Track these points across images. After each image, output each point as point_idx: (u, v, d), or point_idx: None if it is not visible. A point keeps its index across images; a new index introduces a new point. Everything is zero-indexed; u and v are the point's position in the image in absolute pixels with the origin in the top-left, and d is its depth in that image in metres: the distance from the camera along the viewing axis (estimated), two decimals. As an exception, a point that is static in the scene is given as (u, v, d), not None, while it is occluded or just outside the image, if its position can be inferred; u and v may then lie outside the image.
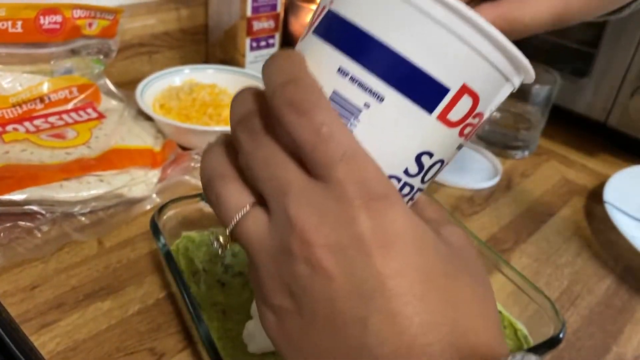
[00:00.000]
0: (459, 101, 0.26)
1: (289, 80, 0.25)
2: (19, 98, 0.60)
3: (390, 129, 0.25)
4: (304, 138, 0.24)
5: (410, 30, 0.24)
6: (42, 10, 0.60)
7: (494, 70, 0.26)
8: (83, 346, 0.41)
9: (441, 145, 0.27)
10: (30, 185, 0.49)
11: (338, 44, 0.25)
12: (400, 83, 0.25)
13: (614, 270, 0.57)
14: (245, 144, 0.26)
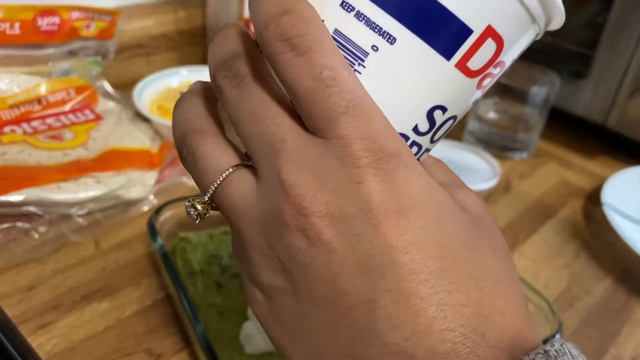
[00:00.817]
0: (482, 46, 0.22)
1: (284, 11, 0.20)
2: (17, 99, 0.60)
3: (400, 78, 0.22)
4: (302, 83, 0.20)
5: None
6: (39, 12, 0.60)
7: (522, 8, 0.22)
8: (80, 347, 0.41)
9: (456, 98, 0.23)
10: (27, 187, 0.49)
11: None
12: (417, 22, 0.21)
13: (612, 271, 0.57)
14: (228, 92, 0.22)
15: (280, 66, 0.20)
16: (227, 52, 0.22)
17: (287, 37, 0.20)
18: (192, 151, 0.23)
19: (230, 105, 0.22)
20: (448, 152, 0.74)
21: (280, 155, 0.21)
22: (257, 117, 0.21)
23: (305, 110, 0.21)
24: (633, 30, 0.69)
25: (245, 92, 0.22)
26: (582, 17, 0.77)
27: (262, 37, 0.21)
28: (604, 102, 0.73)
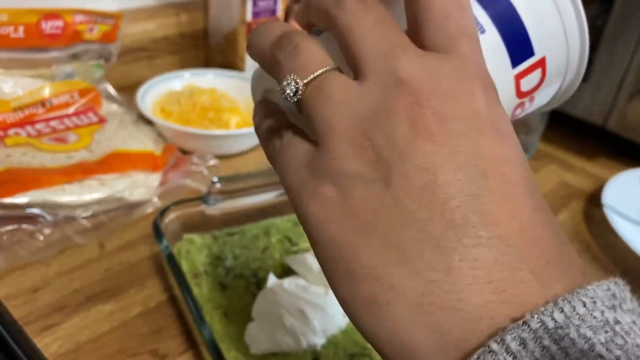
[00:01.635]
0: (534, 71, 0.26)
1: None
2: (21, 102, 0.60)
3: None
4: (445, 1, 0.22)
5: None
6: (43, 16, 0.60)
7: (565, 63, 0.27)
8: (85, 348, 0.41)
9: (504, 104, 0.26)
10: (32, 189, 0.50)
11: None
12: (503, 24, 0.25)
13: (613, 273, 0.57)
14: (351, 5, 0.23)
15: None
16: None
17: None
18: (295, 42, 0.23)
19: (351, 15, 0.23)
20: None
21: (400, 58, 0.21)
22: (383, 26, 0.22)
23: (435, 24, 0.22)
24: (632, 32, 0.69)
25: (369, 7, 0.23)
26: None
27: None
28: (604, 104, 0.74)
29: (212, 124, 0.66)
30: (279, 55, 0.23)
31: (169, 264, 0.42)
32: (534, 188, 0.21)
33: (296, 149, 0.23)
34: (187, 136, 0.62)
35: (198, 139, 0.63)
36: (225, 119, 0.66)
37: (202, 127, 0.65)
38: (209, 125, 0.66)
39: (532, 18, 0.25)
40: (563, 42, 0.26)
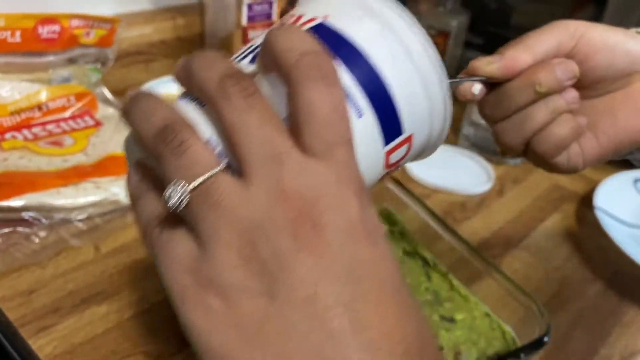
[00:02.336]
0: (401, 147, 0.28)
1: (318, 50, 0.24)
2: (17, 106, 0.61)
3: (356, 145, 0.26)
4: (324, 108, 0.23)
5: (399, 72, 0.27)
6: (40, 20, 0.61)
7: (429, 134, 0.29)
8: (80, 350, 0.42)
9: (370, 180, 0.28)
10: (28, 192, 0.50)
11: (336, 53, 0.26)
12: (379, 108, 0.26)
13: (604, 274, 0.58)
14: (237, 100, 0.23)
15: (308, 89, 0.23)
16: (232, 68, 0.24)
17: (322, 68, 0.23)
18: (181, 138, 0.23)
19: (236, 111, 0.23)
20: (443, 156, 0.75)
21: (284, 165, 0.22)
22: (267, 126, 0.23)
23: (315, 131, 0.23)
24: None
25: (255, 103, 0.23)
26: (575, 24, 0.78)
27: (297, 63, 0.23)
28: (597, 108, 0.74)
29: (207, 127, 0.66)
30: (163, 150, 0.23)
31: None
32: (400, 283, 0.24)
33: (178, 247, 0.23)
34: (182, 139, 0.63)
35: (193, 142, 0.63)
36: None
37: (197, 131, 0.65)
38: (204, 128, 0.66)
39: (404, 101, 0.27)
40: (427, 119, 0.28)
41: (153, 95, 0.25)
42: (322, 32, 0.27)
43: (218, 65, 0.24)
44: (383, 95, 0.26)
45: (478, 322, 0.47)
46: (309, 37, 0.24)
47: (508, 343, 0.45)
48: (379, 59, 0.26)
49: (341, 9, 0.28)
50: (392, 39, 0.27)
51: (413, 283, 0.50)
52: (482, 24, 0.86)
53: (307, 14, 0.28)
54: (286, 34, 0.24)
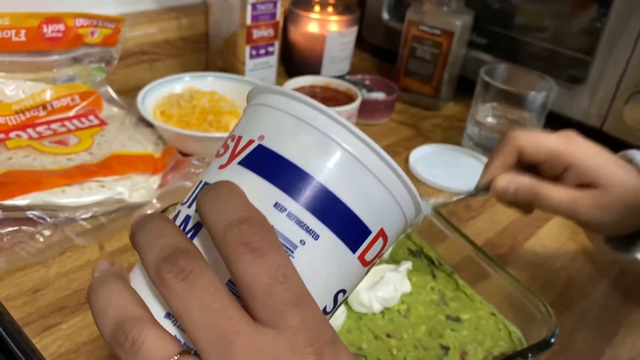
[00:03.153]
0: (375, 243, 0.27)
1: (243, 219, 0.23)
2: (22, 105, 0.61)
3: (320, 267, 0.25)
4: (260, 280, 0.22)
5: (346, 174, 0.26)
6: (45, 19, 0.61)
7: (403, 217, 0.28)
8: (84, 349, 0.42)
9: (353, 282, 0.28)
10: (32, 191, 0.50)
11: (274, 180, 0.25)
12: (335, 222, 0.25)
13: (609, 274, 0.58)
14: (174, 286, 0.23)
15: (240, 266, 0.22)
16: (166, 246, 0.24)
17: (248, 242, 0.22)
18: (132, 339, 0.23)
19: (177, 299, 0.23)
20: (447, 156, 0.75)
21: (233, 346, 0.22)
22: (208, 309, 0.22)
23: (259, 303, 0.22)
24: (630, 35, 0.70)
25: (193, 286, 0.23)
26: (580, 23, 0.78)
27: (224, 240, 0.23)
28: (601, 107, 0.74)
29: (211, 126, 0.66)
30: (120, 353, 0.23)
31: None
32: None
33: None
34: (186, 138, 0.63)
35: (198, 142, 0.63)
36: (224, 122, 0.67)
37: (201, 130, 0.65)
38: (208, 127, 0.66)
39: (360, 201, 0.26)
40: (395, 208, 0.27)
41: (110, 280, 0.25)
42: (260, 156, 0.26)
43: (156, 244, 0.24)
44: (336, 208, 0.25)
45: (484, 322, 0.47)
46: (232, 200, 0.24)
47: (514, 343, 0.45)
48: (323, 172, 0.25)
49: (276, 128, 0.27)
50: (332, 147, 0.26)
51: (419, 282, 0.50)
52: (485, 24, 0.86)
53: (245, 135, 0.27)
54: (210, 202, 0.24)
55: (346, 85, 0.78)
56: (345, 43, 0.88)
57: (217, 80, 0.75)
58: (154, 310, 0.24)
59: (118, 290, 0.25)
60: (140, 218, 0.26)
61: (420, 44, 0.84)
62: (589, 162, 0.47)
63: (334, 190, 0.25)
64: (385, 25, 0.96)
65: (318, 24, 0.86)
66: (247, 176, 0.26)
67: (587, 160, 0.47)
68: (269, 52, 0.79)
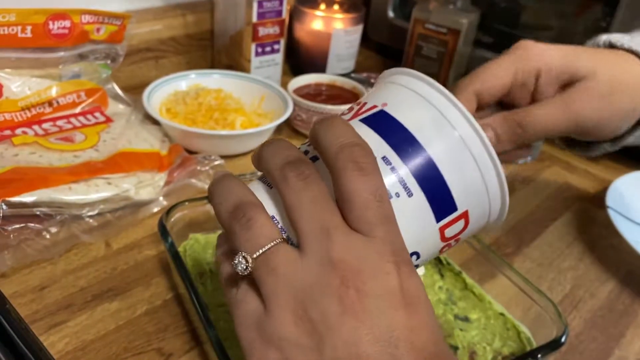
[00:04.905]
0: (457, 222, 0.30)
1: (355, 143, 0.27)
2: (28, 102, 0.61)
3: (406, 221, 0.28)
4: (361, 194, 0.26)
5: (450, 151, 0.29)
6: (51, 16, 0.60)
7: (487, 210, 0.31)
8: (91, 346, 0.42)
9: (428, 251, 0.31)
10: (39, 188, 0.50)
11: (388, 139, 0.29)
12: (429, 188, 0.29)
13: (617, 274, 0.57)
14: (294, 183, 0.27)
15: (347, 179, 0.27)
16: (291, 156, 0.29)
17: (357, 160, 0.27)
18: (249, 216, 0.28)
19: (294, 192, 0.27)
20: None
21: (332, 238, 0.26)
22: (318, 204, 0.27)
23: (356, 213, 0.27)
24: (637, 35, 0.69)
25: (309, 185, 0.27)
26: (586, 23, 0.77)
27: (338, 156, 0.27)
28: (608, 107, 0.74)
29: (217, 124, 0.66)
30: (234, 226, 0.28)
31: (174, 262, 0.43)
32: (436, 350, 0.26)
33: (248, 305, 0.28)
34: (192, 136, 0.63)
35: (203, 139, 0.63)
36: (230, 119, 0.67)
37: (207, 127, 0.65)
38: (214, 125, 0.66)
39: (456, 178, 0.29)
40: (485, 197, 0.30)
41: (231, 179, 0.30)
42: (380, 118, 0.30)
43: (283, 153, 0.29)
44: (433, 177, 0.29)
45: (493, 322, 0.46)
46: (346, 130, 0.28)
47: (523, 343, 0.44)
48: (431, 145, 0.29)
49: (398, 98, 0.31)
50: (445, 126, 0.29)
51: (427, 282, 0.50)
52: (491, 23, 0.85)
53: (369, 102, 0.32)
54: (326, 128, 0.28)
55: (352, 84, 0.78)
56: (351, 41, 0.88)
57: (223, 77, 0.75)
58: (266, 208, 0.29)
59: (238, 184, 0.30)
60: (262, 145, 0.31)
61: (426, 42, 0.83)
62: (557, 58, 0.43)
63: (437, 162, 0.29)
64: (391, 24, 0.96)
65: (324, 21, 0.86)
66: (365, 130, 0.30)
67: (553, 58, 0.43)
68: (274, 50, 0.79)
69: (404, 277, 0.26)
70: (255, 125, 0.67)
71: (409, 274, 0.27)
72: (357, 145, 0.27)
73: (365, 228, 0.26)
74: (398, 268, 0.26)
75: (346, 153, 0.27)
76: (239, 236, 0.28)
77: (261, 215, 0.28)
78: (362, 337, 0.25)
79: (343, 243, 0.26)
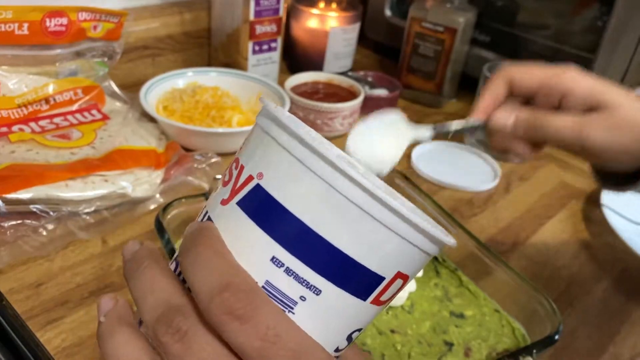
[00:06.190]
0: (392, 285, 0.25)
1: (224, 285, 0.22)
2: (25, 99, 0.61)
3: (324, 319, 0.24)
4: (251, 345, 0.22)
5: (349, 225, 0.23)
6: (48, 13, 0.60)
7: (425, 255, 0.25)
8: (88, 342, 0.42)
9: (369, 319, 0.26)
10: (36, 184, 0.50)
11: (270, 231, 0.23)
12: (339, 277, 0.23)
13: (611, 272, 0.58)
14: (172, 347, 0.22)
15: (229, 334, 0.22)
16: (160, 303, 0.23)
17: (231, 311, 0.22)
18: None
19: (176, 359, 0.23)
20: (450, 154, 0.75)
21: None
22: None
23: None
24: (632, 34, 0.70)
25: (189, 347, 0.22)
26: (582, 22, 0.78)
27: (208, 311, 0.22)
28: (604, 105, 0.74)
29: (214, 121, 0.66)
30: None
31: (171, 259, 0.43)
32: None
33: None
34: (189, 134, 0.63)
35: (200, 137, 0.63)
36: (227, 117, 0.67)
37: (204, 125, 0.65)
38: (211, 123, 0.66)
39: (369, 252, 0.23)
40: (415, 251, 0.25)
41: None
42: (258, 199, 0.24)
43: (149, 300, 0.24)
44: (341, 263, 0.23)
45: (488, 319, 0.47)
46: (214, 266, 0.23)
47: (518, 340, 0.45)
48: (326, 226, 0.23)
49: (275, 167, 0.24)
50: (333, 195, 0.23)
51: (423, 279, 0.50)
52: (488, 21, 0.86)
53: (246, 168, 0.25)
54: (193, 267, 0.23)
55: (349, 82, 0.78)
56: (348, 39, 0.88)
57: (220, 75, 0.75)
58: None
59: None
60: (130, 256, 0.26)
61: (423, 40, 0.84)
62: (589, 85, 0.44)
63: (339, 245, 0.23)
64: (388, 22, 0.96)
65: (321, 19, 0.86)
66: (244, 222, 0.24)
67: (586, 84, 0.44)
68: (271, 48, 0.79)
69: None
70: (252, 123, 0.67)
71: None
72: (227, 287, 0.22)
73: None
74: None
75: (217, 305, 0.22)
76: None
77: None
78: None
79: None
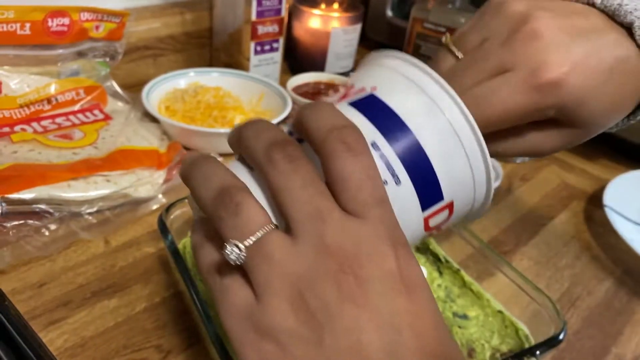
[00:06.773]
0: (442, 212, 0.30)
1: (344, 125, 0.26)
2: (27, 99, 0.61)
3: (396, 207, 0.27)
4: (354, 175, 0.25)
5: (440, 139, 0.28)
6: (50, 13, 0.60)
7: (472, 200, 0.30)
8: (90, 343, 0.42)
9: (410, 241, 0.29)
10: (38, 185, 0.50)
11: (377, 124, 0.28)
12: (417, 177, 0.28)
13: (614, 272, 0.58)
14: (282, 165, 0.26)
15: (338, 160, 0.25)
16: (277, 136, 0.27)
17: (347, 141, 0.26)
18: (237, 201, 0.26)
19: (282, 175, 0.26)
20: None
21: (326, 223, 0.25)
22: (309, 188, 0.25)
23: (350, 195, 0.25)
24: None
25: (298, 167, 0.26)
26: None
27: (328, 138, 0.26)
28: (606, 106, 0.74)
29: (216, 122, 0.66)
30: (221, 212, 0.26)
31: (174, 259, 0.43)
32: (439, 335, 0.25)
33: (237, 296, 0.26)
34: (191, 134, 0.63)
35: (202, 137, 0.63)
36: (229, 117, 0.67)
37: (206, 125, 0.65)
38: (213, 123, 0.66)
39: (444, 167, 0.28)
40: (470, 186, 0.30)
41: (210, 160, 0.29)
42: (370, 103, 0.29)
43: (266, 133, 0.27)
44: (422, 166, 0.28)
45: (491, 319, 0.47)
46: (334, 113, 0.27)
47: (521, 340, 0.45)
48: (422, 132, 0.28)
49: (389, 82, 0.30)
50: (436, 113, 0.28)
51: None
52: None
53: (357, 84, 0.31)
54: (314, 111, 0.27)
55: (350, 82, 0.78)
56: (350, 40, 0.88)
57: (222, 76, 0.75)
58: None
59: (220, 165, 0.28)
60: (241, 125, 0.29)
61: (424, 41, 0.84)
62: None
63: (426, 150, 0.28)
64: (389, 23, 0.96)
65: (322, 20, 0.86)
66: (354, 114, 0.29)
67: None
68: (273, 48, 0.79)
69: (402, 259, 0.25)
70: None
71: (406, 255, 0.26)
72: (346, 127, 0.26)
73: (360, 210, 0.25)
74: (395, 250, 0.25)
75: (335, 134, 0.26)
76: (226, 223, 0.26)
77: (250, 200, 0.26)
78: (363, 324, 0.24)
79: (338, 227, 0.25)
